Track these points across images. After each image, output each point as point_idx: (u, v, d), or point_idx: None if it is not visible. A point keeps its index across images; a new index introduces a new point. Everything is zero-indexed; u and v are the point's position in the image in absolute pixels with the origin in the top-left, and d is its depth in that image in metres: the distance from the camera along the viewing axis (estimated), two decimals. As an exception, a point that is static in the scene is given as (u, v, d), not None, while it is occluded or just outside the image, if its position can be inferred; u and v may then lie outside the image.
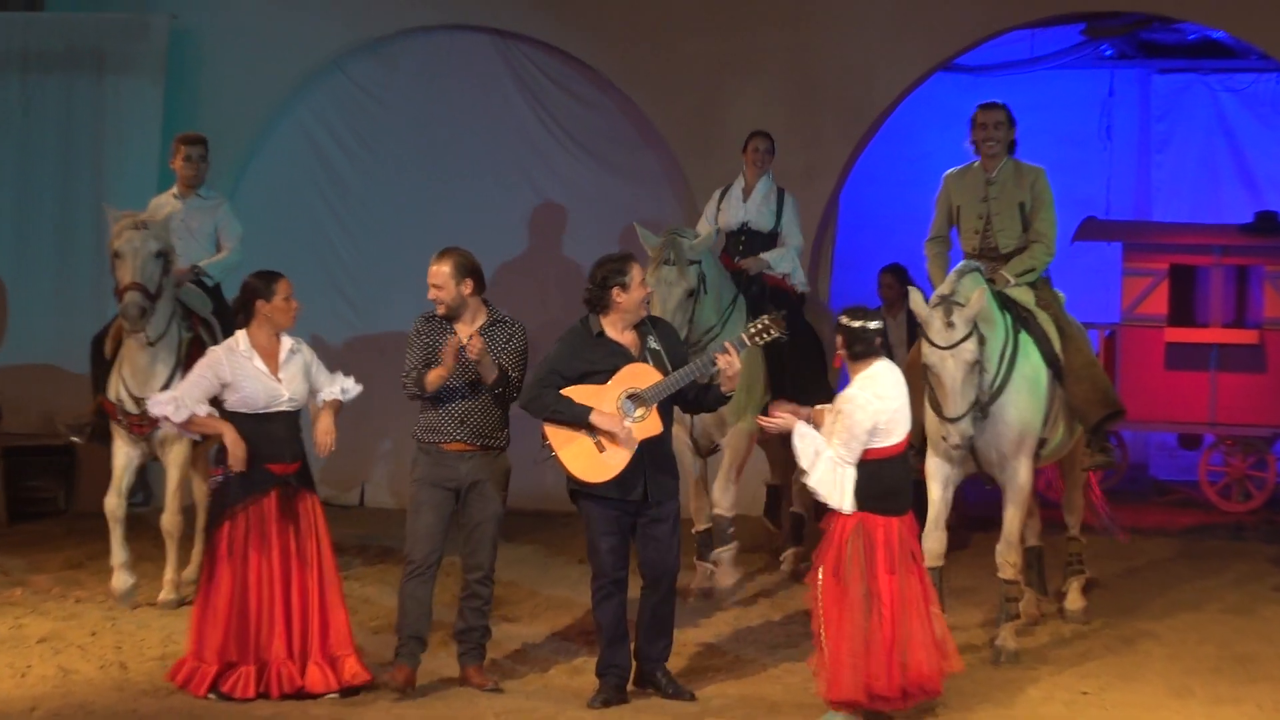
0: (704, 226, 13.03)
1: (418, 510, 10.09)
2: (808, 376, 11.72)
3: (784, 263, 13.14)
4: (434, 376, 9.88)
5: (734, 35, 15.98)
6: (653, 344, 9.91)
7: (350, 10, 16.70)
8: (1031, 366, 11.04)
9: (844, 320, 9.48)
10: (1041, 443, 11.29)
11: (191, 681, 9.89)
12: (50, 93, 16.69)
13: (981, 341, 10.57)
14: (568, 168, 16.14)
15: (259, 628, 9.89)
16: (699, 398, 9.99)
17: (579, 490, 9.91)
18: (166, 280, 11.97)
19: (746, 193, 13.22)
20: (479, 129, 16.65)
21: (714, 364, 9.68)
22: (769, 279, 13.07)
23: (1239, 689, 10.40)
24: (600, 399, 9.73)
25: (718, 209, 13.26)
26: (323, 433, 10.14)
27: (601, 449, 9.77)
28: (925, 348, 10.53)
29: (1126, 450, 17.19)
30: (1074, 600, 12.26)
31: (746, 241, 13.18)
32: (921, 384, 11.12)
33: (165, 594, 12.18)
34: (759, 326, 9.79)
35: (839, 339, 9.52)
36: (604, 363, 9.86)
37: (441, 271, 9.97)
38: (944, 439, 10.65)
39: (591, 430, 9.74)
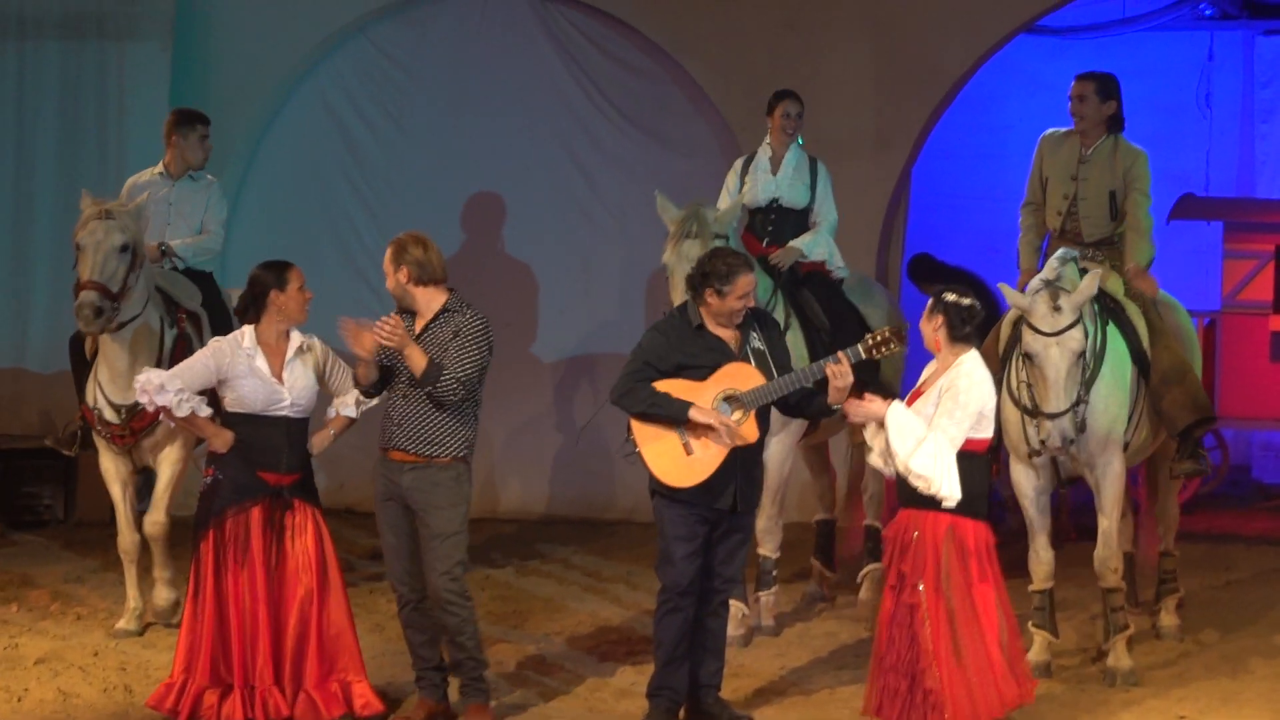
0: (724, 201, 12.64)
1: (382, 532, 10.16)
2: (859, 370, 11.60)
3: (818, 247, 12.62)
4: (360, 369, 9.87)
5: (796, -6, 16.01)
6: (756, 342, 9.88)
7: (373, -30, 16.75)
8: (1118, 362, 11.05)
9: (952, 298, 9.38)
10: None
11: (182, 706, 9.91)
12: (49, 60, 16.75)
13: (1086, 333, 10.58)
14: (613, 141, 16.19)
15: (242, 647, 9.91)
16: (801, 403, 9.93)
17: (660, 491, 9.88)
18: (134, 276, 11.81)
19: (775, 164, 12.70)
20: (515, 99, 16.64)
21: (821, 373, 9.62)
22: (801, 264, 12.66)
23: (1360, 716, 10.45)
24: (695, 397, 9.71)
25: (741, 182, 12.76)
26: (317, 445, 10.19)
27: (690, 451, 9.75)
28: (1028, 335, 10.52)
29: (1227, 451, 17.16)
30: (1168, 618, 12.25)
31: (776, 220, 12.68)
32: (997, 378, 11.15)
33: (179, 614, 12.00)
34: (879, 338, 9.68)
35: (939, 319, 9.35)
36: (703, 357, 9.84)
37: (386, 259, 9.98)
38: (1043, 441, 10.57)
39: (682, 430, 9.73)
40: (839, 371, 9.52)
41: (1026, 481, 11.22)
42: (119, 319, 11.73)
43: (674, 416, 9.69)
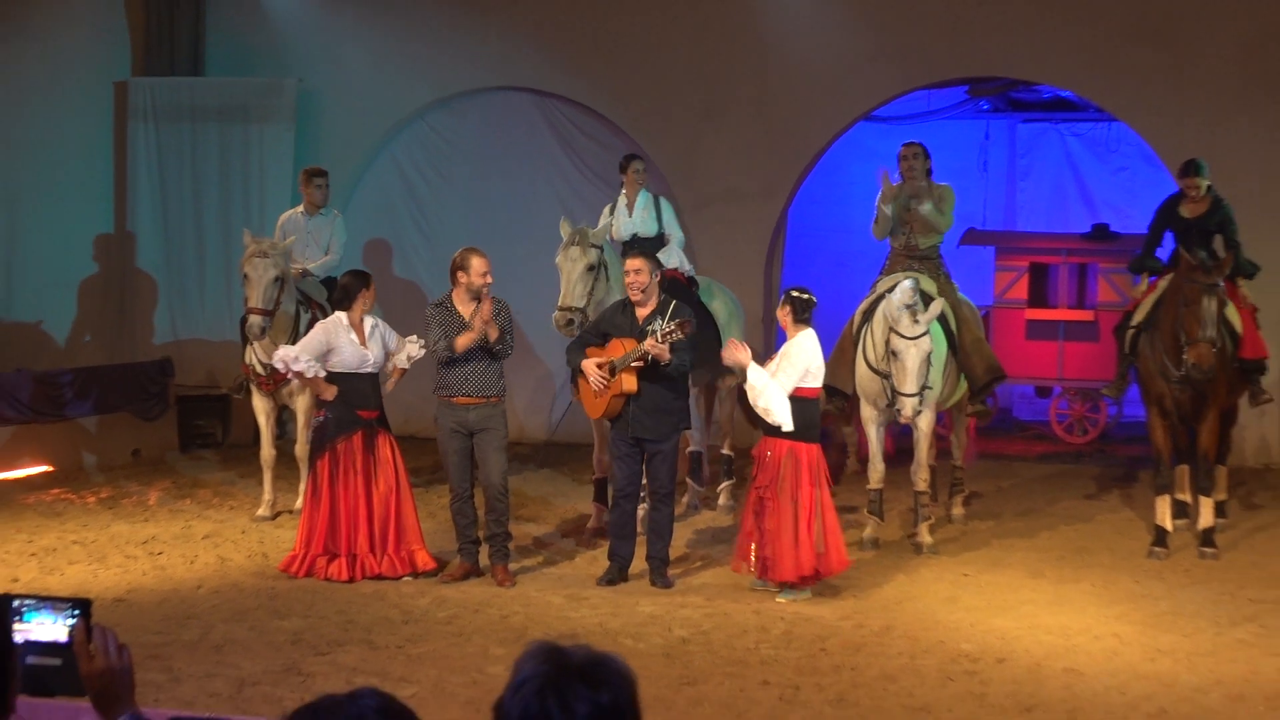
0: (600, 225, 12.21)
1: (446, 453, 10.19)
2: (706, 342, 11.44)
3: (672, 258, 12.17)
4: (464, 340, 9.90)
5: (710, 92, 15.97)
6: (655, 324, 9.78)
7: (430, 75, 16.68)
8: (936, 340, 10.98)
9: (795, 294, 9.71)
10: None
11: (300, 567, 10.12)
12: (210, 137, 16.73)
13: (933, 342, 10.66)
14: (588, 192, 16.08)
15: (348, 529, 10.07)
16: (655, 366, 9.78)
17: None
18: (285, 294, 11.84)
19: (630, 208, 12.37)
20: (522, 163, 16.60)
21: (644, 349, 9.59)
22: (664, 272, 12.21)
23: (1078, 572, 10.52)
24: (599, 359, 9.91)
25: (610, 221, 12.35)
26: (387, 389, 10.40)
27: (597, 395, 9.91)
28: (894, 339, 10.53)
29: (998, 399, 17.20)
30: (957, 509, 12.32)
31: (638, 247, 12.14)
32: (851, 355, 11.24)
33: (300, 502, 11.91)
34: (667, 330, 9.59)
35: (788, 307, 9.68)
36: (616, 330, 9.93)
37: (485, 265, 10.04)
38: (899, 410, 10.62)
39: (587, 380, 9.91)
40: (650, 345, 9.55)
41: (870, 418, 11.28)
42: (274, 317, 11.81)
43: (579, 371, 9.98)
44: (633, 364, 9.72)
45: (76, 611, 3.43)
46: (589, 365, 9.85)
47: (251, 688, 7.74)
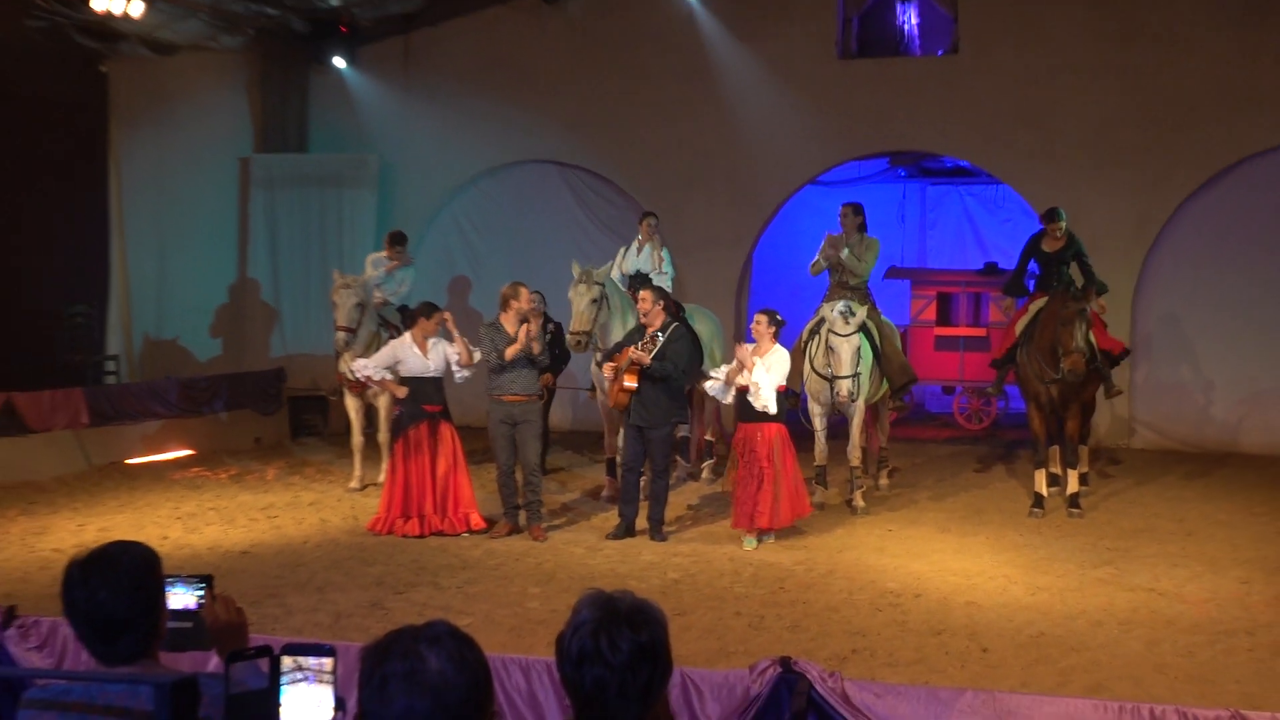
0: (615, 271, 12.10)
1: (494, 439, 10.09)
2: (690, 358, 11.42)
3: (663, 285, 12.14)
4: (511, 351, 9.89)
5: (693, 163, 15.93)
6: (657, 340, 9.80)
7: (479, 152, 16.64)
8: (865, 350, 11.02)
9: (776, 317, 9.82)
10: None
11: (383, 526, 10.10)
12: (313, 200, 16.68)
13: (862, 339, 10.74)
14: (600, 239, 16.08)
15: (417, 496, 10.05)
16: (651, 369, 9.83)
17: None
18: (366, 317, 11.82)
19: (640, 250, 12.34)
20: (548, 219, 16.55)
21: (632, 358, 9.70)
22: None
23: (977, 529, 10.48)
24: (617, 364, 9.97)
25: (623, 258, 12.35)
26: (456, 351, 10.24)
27: (609, 389, 9.98)
28: (831, 338, 10.63)
29: (914, 396, 17.22)
30: (883, 480, 12.24)
31: (642, 282, 11.92)
32: (800, 363, 11.21)
33: (382, 477, 11.86)
34: (639, 348, 9.73)
35: (772, 329, 9.77)
36: (630, 343, 9.97)
37: (529, 295, 10.17)
38: (837, 393, 10.63)
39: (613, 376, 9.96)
40: (633, 355, 9.67)
41: (816, 411, 11.27)
42: (359, 334, 11.76)
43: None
44: (630, 367, 9.75)
45: (203, 584, 3.44)
46: (606, 367, 9.99)
47: (346, 619, 7.74)
